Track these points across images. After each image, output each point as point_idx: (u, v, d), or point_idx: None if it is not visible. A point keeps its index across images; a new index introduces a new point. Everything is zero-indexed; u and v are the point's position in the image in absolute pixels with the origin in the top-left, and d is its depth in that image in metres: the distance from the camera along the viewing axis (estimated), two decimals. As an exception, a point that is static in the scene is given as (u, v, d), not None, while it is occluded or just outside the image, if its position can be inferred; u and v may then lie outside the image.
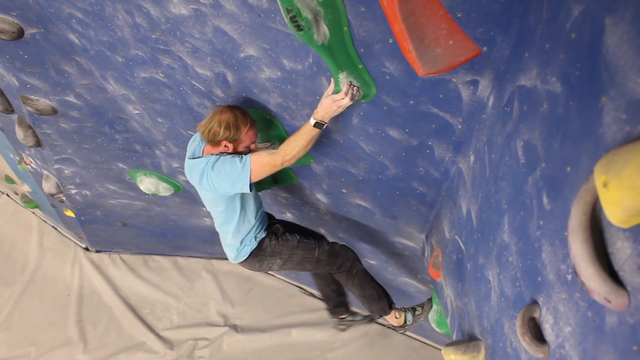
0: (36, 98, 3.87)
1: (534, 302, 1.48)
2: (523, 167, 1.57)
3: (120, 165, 4.76)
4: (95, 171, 4.94)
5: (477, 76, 1.89)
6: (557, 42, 1.32)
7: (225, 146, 2.73)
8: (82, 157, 4.69)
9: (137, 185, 5.00)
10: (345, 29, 2.01)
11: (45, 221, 7.17)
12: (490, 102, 1.93)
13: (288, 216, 4.39)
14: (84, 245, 6.88)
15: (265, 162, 2.65)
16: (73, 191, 5.35)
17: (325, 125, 2.48)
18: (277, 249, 3.10)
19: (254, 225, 3.02)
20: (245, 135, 2.71)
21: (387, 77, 2.15)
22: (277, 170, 2.68)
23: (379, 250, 4.10)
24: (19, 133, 4.33)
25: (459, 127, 2.21)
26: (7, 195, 7.45)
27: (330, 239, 3.43)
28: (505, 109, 1.73)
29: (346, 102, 2.30)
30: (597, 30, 1.11)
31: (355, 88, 2.27)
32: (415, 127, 2.38)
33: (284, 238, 3.13)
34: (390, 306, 3.32)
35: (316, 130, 2.50)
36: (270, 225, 3.20)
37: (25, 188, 6.43)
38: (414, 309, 3.39)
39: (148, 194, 5.13)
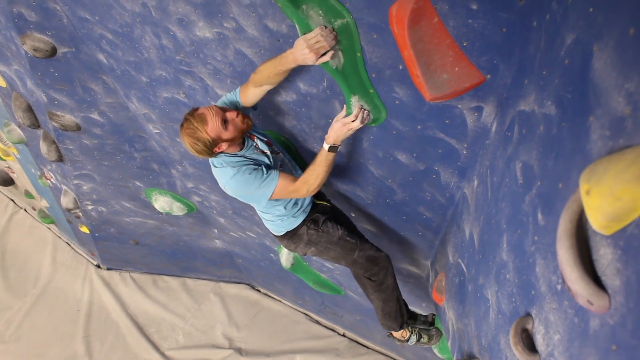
0: (62, 114, 4.04)
1: (528, 315, 1.54)
2: (521, 187, 1.66)
3: (137, 183, 4.90)
4: (112, 188, 5.08)
5: (482, 102, 2.00)
6: (552, 69, 1.42)
7: (220, 149, 2.52)
8: (101, 173, 4.84)
9: (151, 204, 5.13)
10: (359, 54, 2.13)
11: (59, 237, 7.31)
12: (494, 128, 2.03)
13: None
14: (95, 262, 7.00)
15: (291, 189, 2.61)
16: (89, 207, 5.49)
17: (339, 147, 2.49)
18: (314, 239, 2.92)
19: (287, 211, 2.85)
20: (210, 134, 2.42)
21: (397, 102, 2.26)
22: (303, 197, 2.71)
23: (385, 276, 4.14)
24: (43, 147, 4.49)
25: (464, 152, 2.31)
26: (25, 210, 7.63)
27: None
28: (507, 133, 1.83)
29: (356, 124, 2.35)
30: (586, 56, 1.21)
31: (365, 111, 2.36)
32: (422, 151, 2.48)
33: (324, 229, 2.91)
34: (401, 326, 3.21)
35: (332, 155, 2.49)
36: (313, 209, 2.96)
37: (43, 203, 6.60)
38: (420, 335, 3.27)
39: (162, 213, 5.25)
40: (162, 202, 5.01)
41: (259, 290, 6.60)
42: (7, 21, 3.25)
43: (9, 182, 6.96)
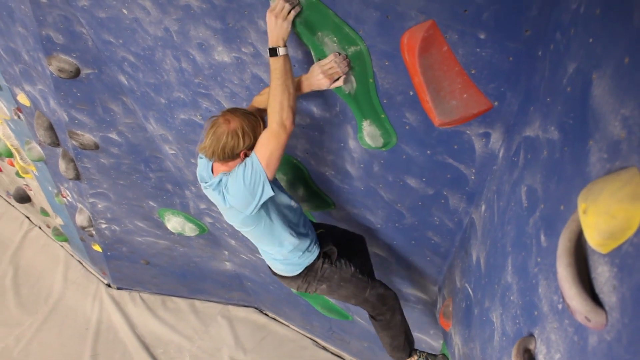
0: (82, 133, 4.17)
1: (530, 335, 1.57)
2: (525, 210, 1.70)
3: (151, 203, 4.99)
4: (126, 207, 5.17)
5: (489, 129, 2.06)
6: (556, 96, 1.48)
7: (245, 155, 2.36)
8: (116, 192, 4.94)
9: (164, 224, 5.20)
10: (371, 80, 2.21)
11: (72, 255, 7.41)
12: (501, 154, 2.08)
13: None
14: (106, 282, 7.06)
15: (264, 139, 2.25)
16: (103, 225, 5.58)
17: (280, 51, 2.12)
18: (329, 274, 2.82)
19: (298, 241, 2.68)
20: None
21: (407, 127, 2.33)
22: (287, 135, 2.21)
23: (393, 302, 4.16)
24: (62, 165, 4.61)
25: (472, 177, 2.36)
26: (40, 227, 7.75)
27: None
28: (513, 158, 1.88)
29: (287, 7, 2.06)
30: (586, 83, 1.27)
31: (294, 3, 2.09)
32: (431, 176, 2.53)
33: (337, 265, 2.83)
34: (410, 354, 3.19)
35: (277, 63, 2.12)
36: (324, 243, 2.85)
37: (58, 221, 6.71)
38: None
39: (174, 234, 5.32)
40: (174, 223, 5.08)
41: (266, 314, 6.60)
42: (35, 43, 3.39)
43: (25, 199, 7.10)
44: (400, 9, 1.84)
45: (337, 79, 2.25)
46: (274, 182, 2.51)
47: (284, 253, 2.71)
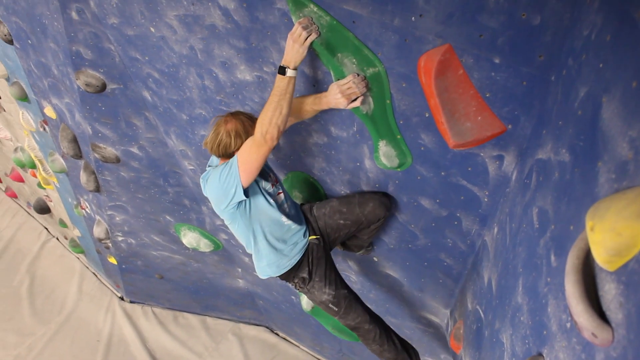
0: (104, 146, 4.28)
1: (539, 355, 1.58)
2: (537, 231, 1.73)
3: (168, 217, 5.07)
4: (143, 221, 5.25)
5: (503, 152, 2.10)
6: (567, 119, 1.53)
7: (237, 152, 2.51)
8: (135, 205, 5.03)
9: (179, 239, 5.27)
10: (388, 101, 2.27)
11: (87, 267, 7.51)
12: (514, 177, 2.12)
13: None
14: (119, 295, 7.13)
15: (247, 146, 2.39)
16: (120, 238, 5.66)
17: (289, 72, 2.21)
18: (303, 292, 2.96)
19: (275, 257, 2.79)
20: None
21: (422, 149, 2.38)
22: (267, 148, 2.32)
23: (404, 325, 4.15)
24: (83, 177, 4.72)
25: (486, 200, 2.39)
26: (57, 238, 7.88)
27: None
28: (526, 181, 1.91)
29: (304, 35, 2.14)
30: (596, 106, 1.31)
31: (307, 19, 2.16)
32: (445, 197, 2.57)
33: (310, 289, 2.91)
34: None
35: (282, 81, 2.22)
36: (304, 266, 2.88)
37: (75, 233, 6.82)
38: None
39: (189, 249, 5.38)
40: (190, 238, 5.14)
41: (277, 334, 6.59)
42: (65, 58, 3.52)
43: (45, 210, 7.24)
44: (418, 32, 1.90)
45: (355, 100, 2.32)
46: (274, 196, 2.67)
47: (259, 259, 2.86)
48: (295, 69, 2.22)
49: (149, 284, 6.47)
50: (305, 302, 4.86)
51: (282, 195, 2.77)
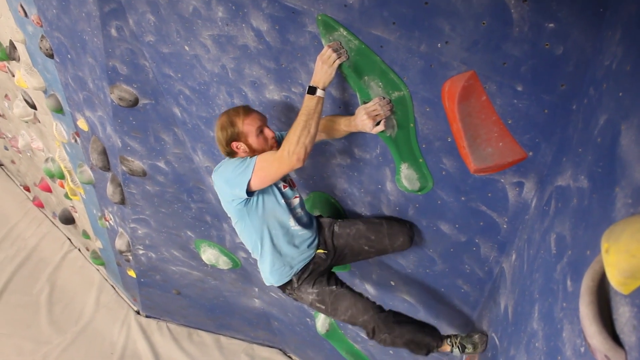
0: (132, 159, 4.40)
1: (552, 380, 1.59)
2: (554, 257, 1.74)
3: (189, 233, 5.15)
4: (165, 235, 5.34)
5: (523, 178, 2.12)
6: (587, 146, 1.56)
7: (237, 148, 2.55)
8: (157, 219, 5.12)
9: (199, 255, 5.34)
10: (412, 125, 2.32)
11: (106, 279, 7.62)
12: (533, 204, 2.14)
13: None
14: (136, 308, 7.20)
15: (271, 158, 2.40)
16: (141, 251, 5.76)
17: (318, 92, 2.28)
18: (293, 298, 2.93)
19: (279, 261, 2.75)
20: (244, 126, 2.49)
21: (443, 173, 2.41)
22: (290, 168, 2.35)
23: (418, 352, 4.11)
24: (109, 189, 4.85)
25: (505, 226, 2.41)
26: (79, 249, 8.02)
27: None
28: (545, 207, 1.93)
29: (333, 57, 2.22)
30: (615, 134, 1.34)
31: (336, 43, 2.24)
32: (464, 223, 2.59)
33: (297, 294, 2.86)
34: (429, 351, 2.84)
35: (311, 101, 2.28)
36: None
37: (97, 244, 6.95)
38: (464, 346, 2.78)
39: (207, 265, 5.44)
40: (209, 254, 5.21)
41: (290, 357, 6.57)
42: (101, 72, 3.67)
43: (70, 220, 7.40)
44: (444, 58, 1.96)
45: (379, 124, 2.38)
46: (288, 199, 2.67)
47: (263, 263, 2.81)
48: (324, 89, 2.29)
49: (166, 299, 6.53)
50: (320, 324, 4.86)
51: (297, 200, 2.75)
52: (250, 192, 2.49)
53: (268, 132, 2.56)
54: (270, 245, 2.71)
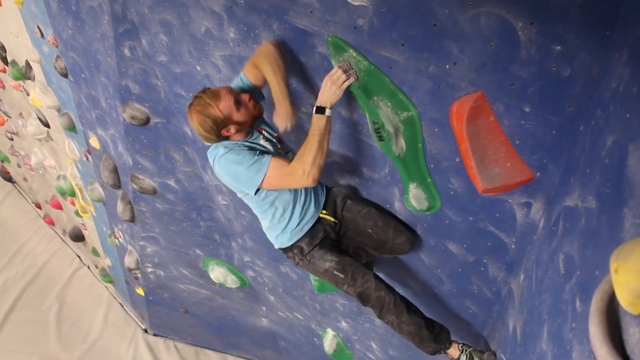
0: (143, 177, 4.44)
1: (562, 401, 1.57)
2: (562, 277, 1.74)
3: (198, 251, 5.16)
4: (174, 253, 5.36)
5: (531, 199, 2.13)
6: (594, 167, 1.56)
7: (228, 131, 2.44)
8: (167, 237, 5.15)
9: (207, 273, 5.34)
10: (420, 145, 2.34)
11: (114, 297, 7.63)
12: (541, 224, 2.14)
13: (343, 325, 4.50)
14: (144, 327, 7.19)
15: (285, 171, 2.38)
16: (149, 269, 5.77)
17: (327, 111, 2.30)
18: (302, 265, 2.82)
19: (274, 221, 2.72)
20: (223, 111, 2.36)
21: (452, 193, 2.42)
22: (301, 185, 2.39)
23: (427, 374, 4.08)
24: (120, 206, 4.89)
25: (513, 246, 2.40)
26: (88, 267, 8.05)
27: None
28: (553, 228, 1.93)
29: (342, 78, 2.24)
30: (623, 155, 1.35)
31: (346, 63, 2.26)
32: (472, 243, 2.59)
33: (309, 259, 2.76)
34: (436, 351, 2.82)
35: (321, 120, 2.29)
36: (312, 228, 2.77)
37: (107, 262, 6.98)
38: (472, 356, 2.73)
39: (215, 284, 5.44)
40: (217, 273, 5.21)
41: (297, 377, 6.51)
42: (114, 91, 3.73)
43: (80, 238, 7.45)
44: (452, 80, 1.99)
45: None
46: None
47: (265, 223, 2.78)
48: (331, 108, 2.32)
49: (174, 317, 6.52)
50: (328, 344, 4.83)
51: (290, 154, 2.72)
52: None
53: (243, 98, 2.44)
54: (280, 210, 2.67)
